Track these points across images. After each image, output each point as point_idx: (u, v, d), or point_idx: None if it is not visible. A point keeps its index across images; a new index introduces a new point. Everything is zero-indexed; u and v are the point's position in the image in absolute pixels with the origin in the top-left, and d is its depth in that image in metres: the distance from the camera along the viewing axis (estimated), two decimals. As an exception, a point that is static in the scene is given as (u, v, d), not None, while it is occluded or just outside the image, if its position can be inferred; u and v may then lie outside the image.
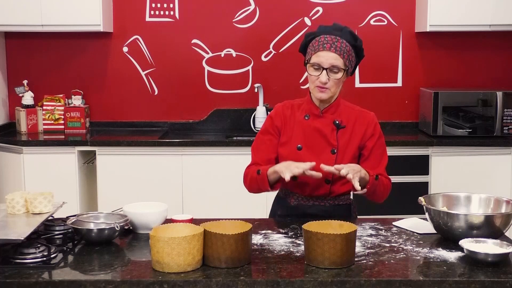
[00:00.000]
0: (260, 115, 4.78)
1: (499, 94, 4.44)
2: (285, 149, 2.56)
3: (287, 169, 2.36)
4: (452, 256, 2.10)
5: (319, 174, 2.38)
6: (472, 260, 2.02)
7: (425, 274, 1.94)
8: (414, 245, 2.22)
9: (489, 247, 2.05)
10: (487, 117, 4.49)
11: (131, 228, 2.36)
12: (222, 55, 4.90)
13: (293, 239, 2.27)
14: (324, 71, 2.44)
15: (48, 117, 4.77)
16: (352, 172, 2.32)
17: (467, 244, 2.07)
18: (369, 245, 2.21)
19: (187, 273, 1.92)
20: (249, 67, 4.91)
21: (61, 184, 4.24)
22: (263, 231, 2.36)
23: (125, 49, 4.88)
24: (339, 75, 2.46)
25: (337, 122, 2.54)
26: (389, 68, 4.92)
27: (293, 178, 2.51)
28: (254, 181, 2.53)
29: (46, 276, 1.91)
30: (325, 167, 2.36)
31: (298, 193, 2.58)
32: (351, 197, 2.65)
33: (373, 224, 2.47)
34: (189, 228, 2.07)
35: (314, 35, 2.53)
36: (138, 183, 4.33)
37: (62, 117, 4.76)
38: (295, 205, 2.59)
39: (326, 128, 2.54)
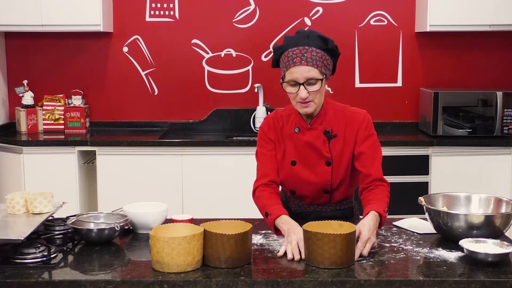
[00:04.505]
0: (260, 115, 4.78)
1: (499, 94, 4.44)
2: (279, 165, 2.50)
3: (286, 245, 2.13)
4: (452, 256, 2.09)
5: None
6: (472, 260, 2.02)
7: (425, 274, 1.94)
8: (414, 245, 2.22)
9: (489, 247, 2.05)
10: (487, 117, 4.49)
11: (131, 228, 2.36)
12: (222, 55, 4.90)
13: (293, 239, 2.27)
14: (302, 86, 2.31)
15: (48, 117, 4.77)
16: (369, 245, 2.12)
17: (467, 244, 2.06)
18: (369, 245, 2.21)
19: (187, 273, 1.91)
20: (249, 67, 4.91)
21: (61, 184, 4.24)
22: (263, 231, 2.36)
23: (125, 49, 4.88)
24: (318, 85, 2.32)
25: (328, 132, 2.45)
26: (389, 68, 4.92)
27: (291, 192, 2.52)
28: (262, 213, 2.38)
29: (46, 276, 1.91)
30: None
31: (298, 199, 2.56)
32: (353, 199, 2.64)
33: (373, 224, 2.47)
34: (189, 228, 2.07)
35: (282, 49, 2.38)
36: (138, 183, 4.33)
37: (62, 117, 4.76)
38: (296, 212, 2.55)
39: (317, 140, 2.45)
